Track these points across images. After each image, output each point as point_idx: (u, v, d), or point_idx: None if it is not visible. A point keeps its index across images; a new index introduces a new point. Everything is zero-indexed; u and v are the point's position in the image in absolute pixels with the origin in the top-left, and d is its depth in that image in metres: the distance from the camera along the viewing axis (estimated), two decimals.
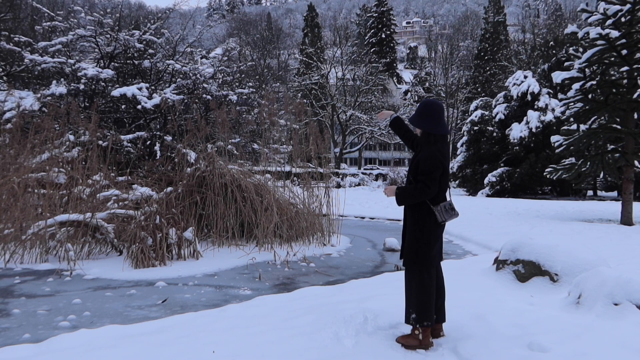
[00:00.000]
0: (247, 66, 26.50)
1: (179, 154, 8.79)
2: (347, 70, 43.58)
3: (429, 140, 3.37)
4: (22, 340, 3.76)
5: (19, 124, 8.65)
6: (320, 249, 8.13)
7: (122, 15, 16.54)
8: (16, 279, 5.89)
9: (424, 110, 3.42)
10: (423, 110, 3.43)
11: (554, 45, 28.44)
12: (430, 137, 3.36)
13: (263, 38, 56.26)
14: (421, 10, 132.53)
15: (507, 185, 25.33)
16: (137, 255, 6.48)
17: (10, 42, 12.92)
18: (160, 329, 3.75)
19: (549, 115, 24.17)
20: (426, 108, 3.42)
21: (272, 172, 9.31)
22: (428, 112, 3.39)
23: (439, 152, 3.33)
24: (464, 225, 10.98)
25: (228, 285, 5.68)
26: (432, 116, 3.39)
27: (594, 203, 20.64)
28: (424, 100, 3.52)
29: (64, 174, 7.97)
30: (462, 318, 3.76)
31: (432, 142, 3.36)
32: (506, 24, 59.92)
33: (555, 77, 13.09)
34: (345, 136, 43.39)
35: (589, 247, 6.92)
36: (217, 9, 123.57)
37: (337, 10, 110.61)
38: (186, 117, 10.92)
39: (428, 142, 3.37)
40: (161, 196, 7.55)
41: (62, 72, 11.30)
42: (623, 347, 3.21)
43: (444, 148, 3.38)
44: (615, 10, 11.16)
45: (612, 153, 12.20)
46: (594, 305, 3.86)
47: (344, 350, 3.22)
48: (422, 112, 3.42)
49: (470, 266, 6.16)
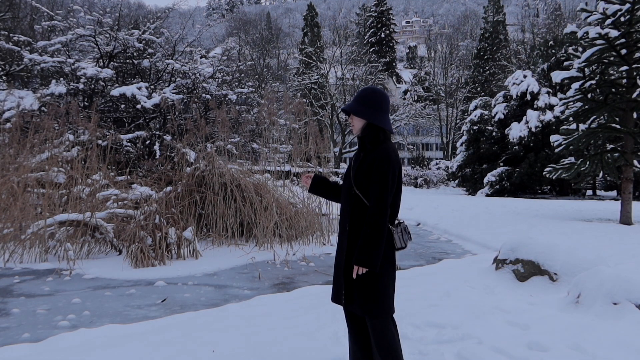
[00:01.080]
0: (246, 66, 26.48)
1: (179, 153, 8.79)
2: (346, 69, 43.56)
3: (378, 137, 2.55)
4: (22, 339, 3.77)
5: (19, 124, 8.64)
6: (320, 249, 8.14)
7: (122, 15, 16.52)
8: (16, 279, 5.89)
9: (372, 99, 2.57)
10: (371, 98, 2.57)
11: (553, 45, 28.42)
12: (380, 134, 2.55)
13: (262, 37, 56.20)
14: (421, 10, 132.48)
15: (507, 185, 25.33)
16: (136, 255, 6.48)
17: (9, 42, 12.92)
18: (160, 328, 3.75)
19: (549, 114, 24.17)
20: (375, 96, 2.58)
21: (271, 171, 9.31)
22: (377, 102, 2.57)
23: (396, 151, 2.56)
24: (463, 224, 10.99)
25: (227, 285, 5.68)
26: (382, 108, 2.58)
27: (593, 202, 20.64)
28: (370, 87, 2.66)
29: (64, 174, 7.97)
30: (462, 317, 3.77)
31: (383, 139, 2.56)
32: (506, 24, 59.87)
33: (554, 76, 13.09)
34: (345, 136, 43.36)
35: (588, 247, 6.94)
36: (216, 8, 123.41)
37: (337, 10, 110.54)
38: (186, 116, 10.92)
39: (378, 139, 2.54)
40: (161, 196, 7.55)
41: (61, 72, 11.29)
42: (622, 346, 3.22)
43: (395, 147, 2.61)
44: (614, 9, 11.16)
45: (611, 152, 12.20)
46: (593, 304, 3.86)
47: (343, 350, 3.22)
48: (369, 101, 2.57)
49: (469, 265, 6.16)
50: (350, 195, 2.55)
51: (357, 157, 2.63)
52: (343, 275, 2.52)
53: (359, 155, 2.62)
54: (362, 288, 2.45)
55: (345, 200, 2.60)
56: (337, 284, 2.58)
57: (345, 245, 2.53)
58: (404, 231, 2.54)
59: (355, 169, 2.57)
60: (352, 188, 2.53)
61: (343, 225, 2.60)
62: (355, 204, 2.52)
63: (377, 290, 2.44)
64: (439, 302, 4.26)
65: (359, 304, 2.47)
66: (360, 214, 2.49)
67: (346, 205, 2.59)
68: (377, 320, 2.46)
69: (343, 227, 2.59)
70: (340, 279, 2.55)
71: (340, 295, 2.55)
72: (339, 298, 2.56)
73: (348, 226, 2.54)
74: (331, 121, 44.04)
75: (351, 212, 2.53)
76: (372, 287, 2.44)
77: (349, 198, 2.56)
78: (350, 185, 2.56)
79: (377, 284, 2.44)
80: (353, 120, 2.61)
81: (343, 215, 2.62)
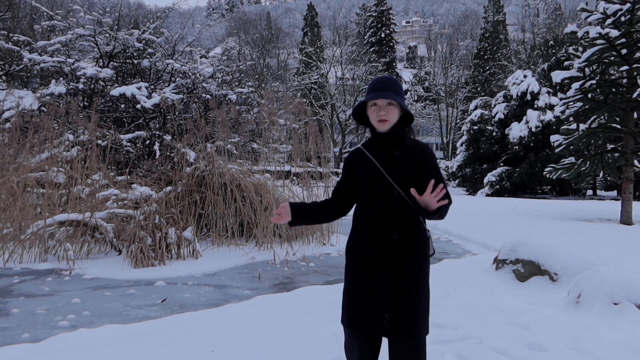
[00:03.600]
0: (246, 65, 26.49)
1: (179, 153, 8.79)
2: (346, 69, 43.58)
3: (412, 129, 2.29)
4: (21, 339, 3.76)
5: (18, 124, 8.64)
6: (320, 249, 8.13)
7: (121, 15, 16.52)
8: (15, 279, 5.88)
9: (400, 87, 2.25)
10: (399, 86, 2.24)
11: (553, 45, 28.42)
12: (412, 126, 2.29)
13: (262, 37, 56.17)
14: (421, 10, 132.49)
15: (507, 185, 25.34)
16: (136, 255, 6.48)
17: (9, 41, 12.93)
18: (160, 328, 3.75)
19: (549, 114, 24.17)
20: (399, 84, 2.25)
21: (271, 171, 9.31)
22: (402, 90, 2.26)
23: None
24: (463, 224, 10.99)
25: (227, 285, 5.68)
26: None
27: (594, 202, 20.64)
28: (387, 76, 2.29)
29: (63, 174, 7.97)
30: (462, 317, 3.76)
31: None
32: (506, 23, 59.85)
33: (554, 76, 13.10)
34: (345, 136, 43.38)
35: (589, 247, 6.93)
36: (216, 8, 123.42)
37: (337, 10, 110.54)
38: (185, 116, 10.92)
39: (413, 132, 2.29)
40: (160, 196, 7.55)
41: (61, 72, 11.29)
42: (622, 346, 3.21)
43: None
44: (615, 9, 11.16)
45: (611, 152, 12.20)
46: (593, 304, 3.86)
47: (343, 350, 3.21)
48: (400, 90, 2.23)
49: (469, 265, 6.15)
50: (390, 199, 2.17)
51: (385, 158, 2.22)
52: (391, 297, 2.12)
53: (388, 154, 2.22)
54: (414, 304, 2.13)
55: (381, 207, 2.19)
56: (372, 309, 2.15)
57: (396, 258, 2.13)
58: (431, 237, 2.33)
59: (399, 169, 2.18)
60: (394, 190, 2.16)
61: (386, 234, 2.16)
62: (401, 208, 2.17)
63: (427, 304, 2.19)
64: (438, 302, 4.25)
65: (408, 323, 2.10)
66: (409, 219, 2.17)
67: (386, 211, 2.18)
68: (422, 340, 2.17)
69: (386, 236, 2.16)
70: (382, 302, 2.13)
71: (380, 323, 2.13)
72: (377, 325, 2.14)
73: (397, 234, 2.15)
74: (331, 121, 44.05)
75: (400, 218, 2.16)
76: (424, 302, 2.17)
77: (389, 203, 2.17)
78: (389, 187, 2.17)
79: (427, 297, 2.18)
80: (389, 113, 2.19)
81: (382, 223, 2.18)
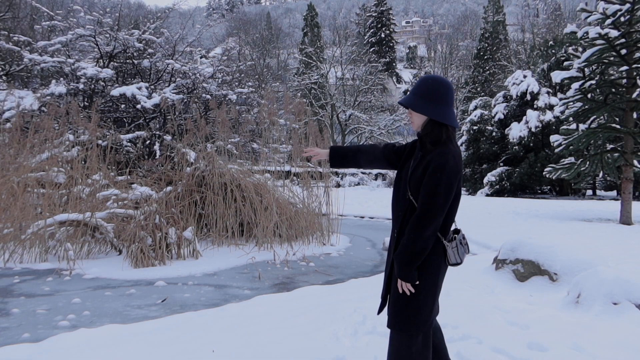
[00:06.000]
0: (246, 66, 26.47)
1: (179, 153, 8.79)
2: (346, 69, 43.56)
3: (440, 135, 2.17)
4: (22, 339, 3.77)
5: (19, 124, 8.65)
6: (320, 249, 8.14)
7: (122, 15, 16.52)
8: (16, 279, 5.89)
9: (434, 91, 2.19)
10: (433, 90, 2.19)
11: (553, 45, 28.41)
12: (443, 132, 2.17)
13: (262, 37, 56.20)
14: (420, 10, 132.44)
15: (507, 185, 25.33)
16: (136, 255, 6.48)
17: (9, 42, 12.94)
18: (160, 328, 3.75)
19: (549, 114, 24.17)
20: (437, 87, 2.20)
21: (271, 171, 9.31)
22: (440, 94, 2.19)
23: (457, 155, 2.17)
24: (463, 224, 10.96)
25: (227, 285, 5.68)
26: (445, 101, 2.19)
27: (593, 202, 20.63)
28: (431, 77, 2.26)
29: (64, 174, 7.97)
30: (462, 317, 3.77)
31: (446, 139, 2.18)
32: (505, 24, 59.82)
33: (554, 76, 13.09)
34: (345, 136, 43.37)
35: (588, 247, 6.94)
36: (216, 8, 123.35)
37: (337, 10, 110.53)
38: (186, 116, 10.92)
39: (440, 138, 2.17)
40: (161, 196, 7.56)
41: (61, 72, 11.30)
42: (622, 346, 3.22)
43: (458, 149, 2.24)
44: (614, 9, 11.16)
45: (611, 152, 12.21)
46: (593, 304, 3.86)
47: (342, 350, 3.22)
48: (431, 94, 2.19)
49: (469, 265, 6.15)
50: (403, 199, 2.24)
51: (415, 156, 2.27)
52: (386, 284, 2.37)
53: (417, 154, 2.26)
54: (395, 299, 2.25)
55: (396, 205, 2.30)
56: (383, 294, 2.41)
57: (392, 252, 2.30)
58: (459, 244, 2.22)
59: (411, 170, 2.22)
60: (407, 192, 2.21)
61: (392, 231, 2.34)
62: (408, 211, 2.21)
63: (408, 305, 2.20)
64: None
65: (388, 313, 2.29)
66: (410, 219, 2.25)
67: (397, 210, 2.29)
68: (401, 336, 2.24)
69: (392, 233, 2.35)
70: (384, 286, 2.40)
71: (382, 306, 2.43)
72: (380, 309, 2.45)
73: (397, 233, 2.27)
74: (331, 121, 44.03)
75: (402, 219, 2.24)
76: (406, 300, 2.20)
77: (402, 203, 2.25)
78: (404, 188, 2.24)
79: (412, 298, 2.18)
80: (412, 115, 2.25)
81: (394, 220, 2.34)
